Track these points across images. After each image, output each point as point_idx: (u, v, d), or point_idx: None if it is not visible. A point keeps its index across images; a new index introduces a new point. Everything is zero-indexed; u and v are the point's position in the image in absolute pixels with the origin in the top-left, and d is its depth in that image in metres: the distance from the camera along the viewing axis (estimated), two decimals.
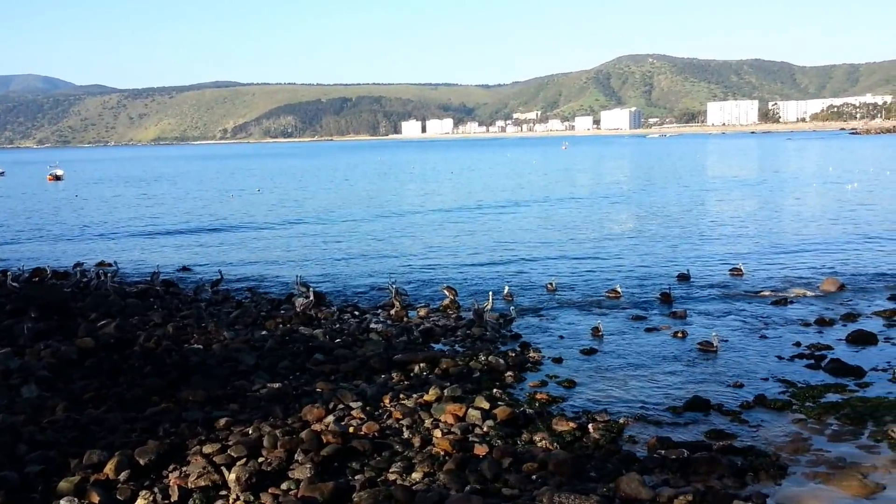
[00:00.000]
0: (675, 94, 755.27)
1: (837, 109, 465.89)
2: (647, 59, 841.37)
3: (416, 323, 23.40)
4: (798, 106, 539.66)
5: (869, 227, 42.86)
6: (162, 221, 56.23)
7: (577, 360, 19.72)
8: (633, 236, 41.65)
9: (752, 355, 19.62)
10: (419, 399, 16.15)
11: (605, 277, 30.05)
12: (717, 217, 50.21)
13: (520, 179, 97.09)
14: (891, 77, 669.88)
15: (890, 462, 12.95)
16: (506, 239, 42.03)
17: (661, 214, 51.76)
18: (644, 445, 13.99)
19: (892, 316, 22.93)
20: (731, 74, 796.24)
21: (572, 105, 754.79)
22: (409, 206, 65.23)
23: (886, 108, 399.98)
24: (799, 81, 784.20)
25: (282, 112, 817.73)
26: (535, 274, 31.49)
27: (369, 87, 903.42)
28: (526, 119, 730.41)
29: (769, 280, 28.71)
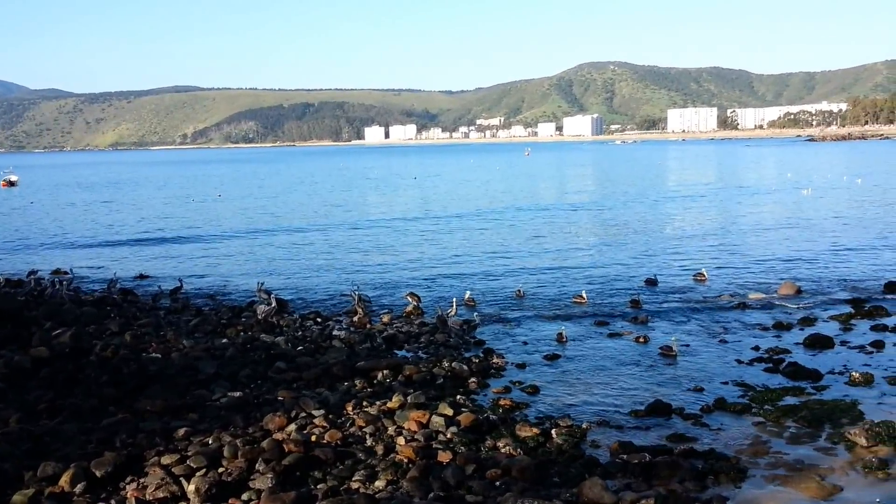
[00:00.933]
0: (636, 101, 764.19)
1: (794, 117, 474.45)
2: (609, 66, 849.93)
3: (380, 329, 23.28)
4: (756, 113, 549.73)
5: (825, 232, 43.64)
6: (120, 228, 55.33)
7: (541, 365, 19.75)
8: (598, 243, 41.81)
9: (713, 359, 19.83)
10: (382, 406, 16.04)
11: (570, 284, 30.07)
12: (680, 223, 50.71)
13: (484, 186, 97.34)
14: (846, 85, 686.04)
15: (847, 464, 13.15)
16: (470, 245, 42.03)
17: (625, 221, 52.04)
18: (606, 450, 14.05)
19: (848, 320, 23.33)
20: (690, 82, 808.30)
21: (535, 111, 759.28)
22: (372, 212, 65.05)
23: (841, 116, 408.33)
24: (757, 89, 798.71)
25: (243, 117, 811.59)
26: (499, 280, 31.46)
27: (332, 93, 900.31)
28: (489, 125, 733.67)
29: (730, 285, 29.07)
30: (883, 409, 15.57)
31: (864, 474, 12.73)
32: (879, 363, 18.93)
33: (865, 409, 15.60)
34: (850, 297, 26.68)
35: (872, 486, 12.34)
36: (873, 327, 22.36)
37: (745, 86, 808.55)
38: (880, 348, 20.15)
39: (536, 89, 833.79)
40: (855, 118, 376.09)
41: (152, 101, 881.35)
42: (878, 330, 22.04)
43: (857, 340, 21.03)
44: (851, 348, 20.38)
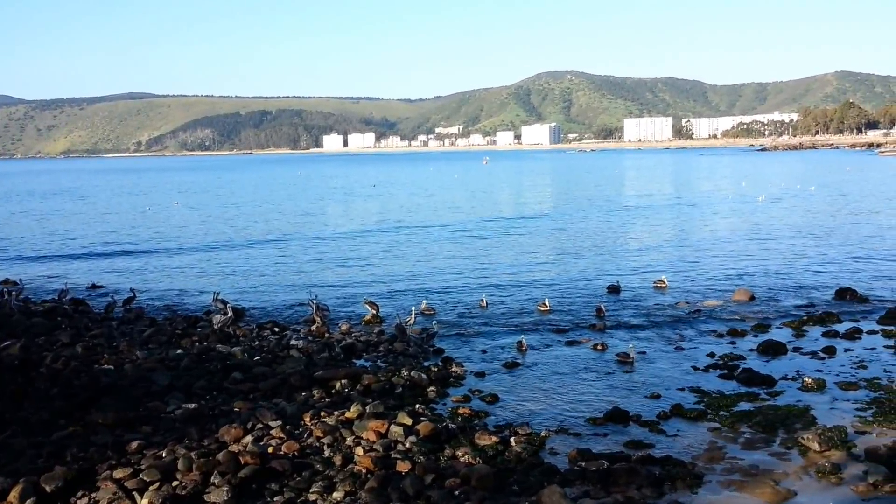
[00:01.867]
0: (592, 110, 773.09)
1: (747, 126, 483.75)
2: (566, 75, 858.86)
3: (338, 339, 23.10)
4: (710, 123, 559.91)
5: (779, 240, 44.48)
6: (72, 238, 54.16)
7: (500, 374, 19.76)
8: (560, 251, 41.86)
9: (669, 366, 20.03)
10: (341, 416, 15.90)
11: (533, 293, 29.96)
12: (640, 232, 51.16)
13: (443, 195, 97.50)
14: (797, 95, 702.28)
15: (800, 468, 13.35)
16: (430, 255, 41.92)
17: (587, 230, 52.19)
18: (565, 457, 14.08)
19: (801, 326, 23.76)
20: (646, 92, 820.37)
21: (493, 120, 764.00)
22: (331, 221, 64.71)
23: (793, 126, 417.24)
24: (710, 99, 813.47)
25: (199, 125, 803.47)
26: (461, 290, 31.32)
27: (290, 101, 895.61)
28: (448, 133, 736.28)
29: (687, 292, 29.39)
30: (835, 414, 15.86)
31: (817, 479, 12.93)
32: (831, 369, 19.29)
33: (818, 414, 15.87)
34: (803, 303, 27.20)
35: (825, 491, 12.54)
36: (825, 333, 22.79)
37: (699, 96, 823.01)
38: (832, 354, 20.53)
39: (495, 98, 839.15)
40: (806, 128, 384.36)
41: (106, 107, 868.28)
42: (830, 336, 22.47)
43: (810, 346, 21.41)
44: (804, 354, 20.74)
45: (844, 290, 28.07)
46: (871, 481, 12.47)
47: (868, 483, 12.47)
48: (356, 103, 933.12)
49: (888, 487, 12.26)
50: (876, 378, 18.31)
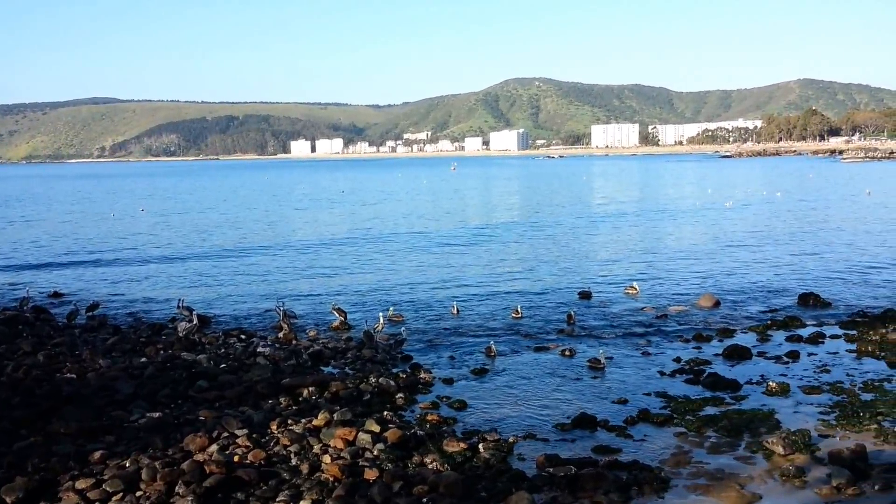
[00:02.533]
0: (560, 116, 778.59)
1: (712, 133, 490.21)
2: (534, 82, 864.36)
3: (305, 346, 22.93)
4: (676, 129, 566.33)
5: (745, 245, 45.09)
6: (34, 245, 53.25)
7: (469, 380, 19.74)
8: (531, 258, 41.74)
9: (636, 371, 20.15)
10: (308, 424, 15.77)
11: (504, 299, 29.84)
12: (609, 238, 51.26)
13: (412, 201, 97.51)
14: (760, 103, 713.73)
15: (765, 472, 13.49)
16: (398, 261, 41.78)
17: (557, 236, 52.23)
18: (533, 463, 14.09)
19: (765, 331, 24.04)
20: (613, 98, 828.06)
21: (462, 126, 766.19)
22: (299, 226, 64.31)
23: (757, 132, 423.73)
24: (676, 106, 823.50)
25: (164, 130, 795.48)
26: (431, 296, 31.18)
27: (257, 106, 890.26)
28: (416, 139, 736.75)
29: (656, 298, 29.58)
30: (799, 418, 16.06)
31: (781, 482, 13.07)
32: (795, 373, 19.54)
33: (782, 417, 16.06)
34: (767, 308, 27.55)
35: (790, 494, 12.68)
36: (788, 338, 23.09)
37: (665, 103, 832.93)
38: (795, 358, 20.80)
39: (463, 104, 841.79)
40: (769, 135, 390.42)
41: (69, 112, 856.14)
42: (793, 340, 22.77)
43: (774, 351, 21.67)
44: (768, 359, 20.99)
45: (808, 294, 28.47)
46: (834, 484, 12.63)
47: (831, 486, 12.63)
48: (324, 109, 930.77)
49: (851, 490, 12.42)
50: (839, 382, 18.58)
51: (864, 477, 12.83)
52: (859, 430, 15.15)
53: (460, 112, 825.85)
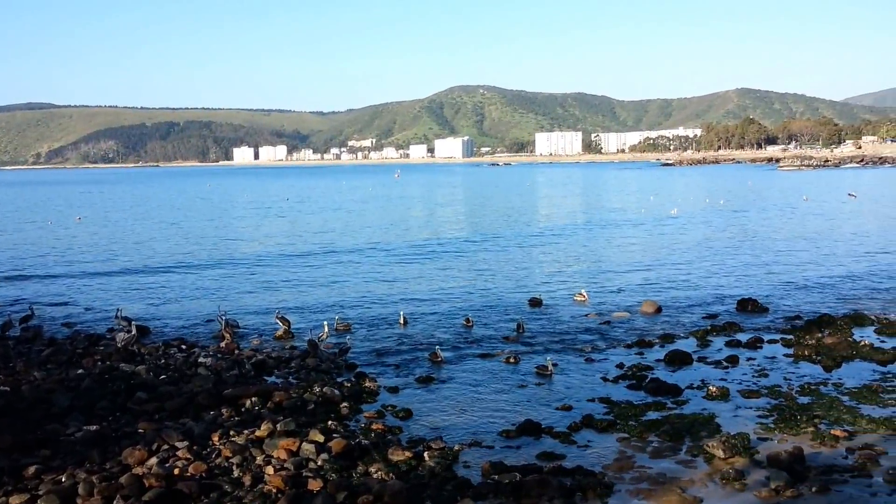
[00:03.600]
0: (505, 124, 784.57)
1: (653, 141, 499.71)
2: (479, 89, 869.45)
3: (248, 355, 22.58)
4: (618, 137, 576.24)
5: (687, 251, 46.00)
6: None
7: (415, 388, 19.67)
8: (480, 267, 41.32)
9: (581, 378, 20.31)
10: (251, 435, 15.53)
11: (454, 308, 29.68)
12: (557, 246, 51.40)
13: (356, 208, 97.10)
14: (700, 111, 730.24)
15: (706, 475, 13.70)
16: (345, 270, 41.40)
17: (504, 245, 52.13)
18: (478, 470, 14.09)
19: (705, 336, 24.47)
20: (556, 107, 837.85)
21: (407, 133, 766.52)
22: (242, 234, 63.48)
23: (697, 141, 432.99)
24: (618, 114, 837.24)
25: (102, 136, 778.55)
26: (377, 305, 30.89)
27: (198, 112, 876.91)
28: (361, 147, 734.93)
29: (601, 304, 29.84)
30: (738, 422, 16.36)
31: (721, 485, 13.29)
32: (734, 377, 19.93)
33: (722, 421, 16.34)
34: (707, 314, 28.05)
35: (730, 497, 12.90)
36: (728, 343, 23.55)
37: (607, 111, 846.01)
38: (734, 363, 21.21)
39: (408, 111, 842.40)
40: (709, 143, 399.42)
41: (3, 118, 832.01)
42: (732, 345, 23.23)
43: (714, 356, 22.07)
44: (708, 364, 21.36)
45: (746, 300, 29.09)
46: (772, 486, 12.88)
47: (770, 488, 12.88)
48: (267, 115, 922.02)
49: (789, 492, 12.68)
50: (776, 386, 19.00)
51: (801, 479, 13.11)
52: (797, 433, 15.50)
53: (405, 119, 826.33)
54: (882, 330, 24.45)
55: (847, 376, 19.76)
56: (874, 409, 16.93)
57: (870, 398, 17.67)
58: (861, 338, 23.18)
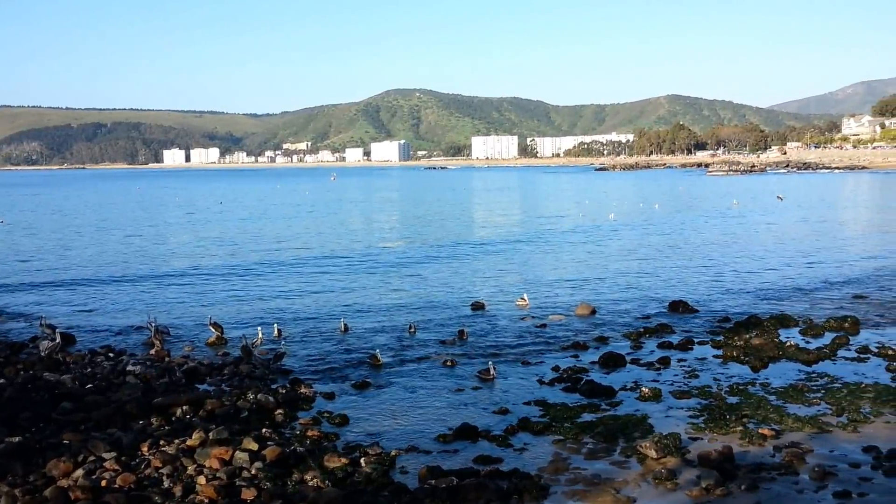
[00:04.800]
0: (441, 127, 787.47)
1: (587, 146, 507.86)
2: (415, 93, 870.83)
3: (179, 363, 22.05)
4: (553, 142, 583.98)
5: (622, 254, 46.80)
6: None
7: (351, 394, 19.48)
8: (422, 272, 40.92)
9: (518, 381, 20.40)
10: (181, 444, 15.17)
11: (395, 314, 29.33)
12: (498, 249, 51.41)
13: (294, 210, 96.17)
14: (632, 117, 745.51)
15: (639, 476, 13.91)
16: (281, 275, 40.74)
17: (446, 249, 52.03)
18: (415, 476, 14.03)
19: (638, 338, 24.87)
20: (492, 111, 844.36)
21: (343, 136, 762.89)
22: (171, 237, 62.13)
23: (629, 146, 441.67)
24: (553, 119, 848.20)
25: (25, 137, 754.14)
26: (315, 311, 30.32)
27: (127, 113, 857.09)
28: (296, 149, 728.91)
29: (539, 308, 29.95)
30: (670, 422, 16.66)
31: (654, 485, 13.50)
32: (666, 378, 20.30)
33: (655, 422, 16.62)
34: (640, 316, 28.53)
35: (662, 497, 13.12)
36: (660, 344, 23.98)
37: (542, 116, 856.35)
38: (666, 364, 21.60)
39: (344, 114, 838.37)
40: (641, 148, 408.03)
41: None
42: (665, 347, 23.66)
43: (646, 358, 22.43)
44: (641, 365, 21.70)
45: (677, 302, 29.68)
46: (703, 486, 13.14)
47: (701, 487, 13.13)
48: (199, 117, 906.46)
49: (719, 491, 12.95)
50: (706, 386, 19.42)
51: (731, 477, 13.40)
52: (726, 433, 15.85)
53: (341, 122, 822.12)
54: (806, 331, 25.24)
55: (774, 376, 20.31)
56: (800, 408, 17.44)
57: (795, 397, 18.20)
58: (787, 338, 23.88)
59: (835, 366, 21.24)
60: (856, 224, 65.71)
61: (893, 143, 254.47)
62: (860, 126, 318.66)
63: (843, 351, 22.66)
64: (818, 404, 17.66)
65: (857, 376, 20.01)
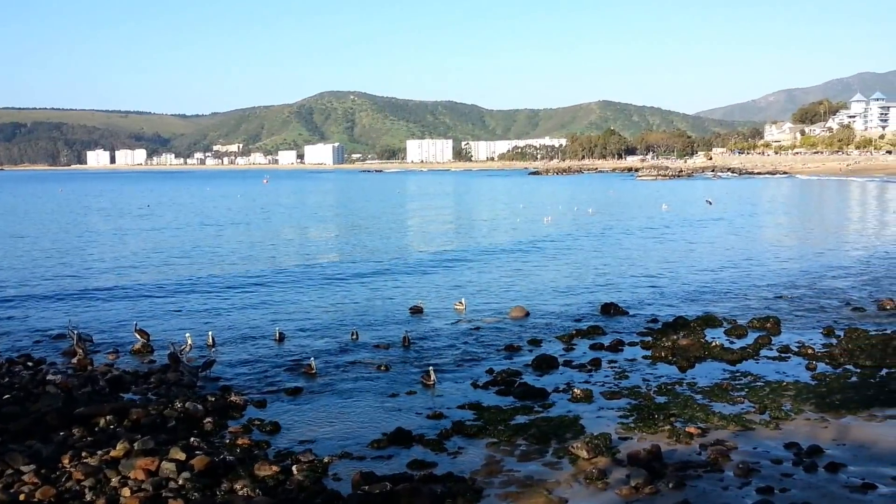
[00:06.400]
0: (376, 130, 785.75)
1: (521, 150, 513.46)
2: (349, 96, 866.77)
3: (103, 371, 21.37)
4: (488, 146, 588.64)
5: (555, 257, 47.53)
6: None
7: (284, 401, 19.19)
8: (357, 275, 40.62)
9: (452, 384, 20.39)
10: (105, 455, 14.69)
11: (332, 321, 28.93)
12: (432, 253, 51.47)
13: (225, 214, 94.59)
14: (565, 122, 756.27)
15: (571, 476, 14.04)
16: (210, 279, 39.85)
17: (381, 252, 51.84)
18: (349, 482, 13.89)
19: (570, 340, 25.15)
20: (427, 114, 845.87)
21: (276, 139, 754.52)
22: (95, 242, 60.23)
23: (562, 150, 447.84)
24: (488, 123, 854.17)
25: None
26: (248, 318, 29.70)
27: (48, 113, 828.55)
28: (227, 151, 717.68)
29: (476, 311, 30.07)
30: (601, 422, 16.87)
31: (586, 485, 13.65)
32: (597, 380, 20.56)
33: (586, 423, 16.81)
34: (572, 318, 28.87)
35: (593, 496, 13.26)
36: (592, 346, 24.29)
37: (477, 120, 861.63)
38: (597, 366, 21.89)
39: (276, 116, 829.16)
40: (574, 153, 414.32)
41: None
42: (596, 349, 23.98)
43: (578, 359, 22.69)
44: (573, 367, 21.93)
45: (608, 304, 30.11)
46: (633, 484, 13.33)
47: (630, 486, 13.32)
48: (125, 117, 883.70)
49: (648, 489, 13.15)
50: (636, 386, 19.75)
51: (659, 476, 13.63)
52: (655, 432, 16.13)
53: (273, 124, 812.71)
54: (731, 331, 25.89)
55: (700, 376, 20.78)
56: (725, 406, 17.87)
57: (720, 396, 18.64)
58: (712, 339, 24.43)
59: (758, 365, 21.85)
60: (779, 227, 67.85)
61: (812, 149, 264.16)
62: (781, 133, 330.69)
63: (765, 350, 23.33)
64: (742, 402, 18.12)
65: (778, 375, 20.62)
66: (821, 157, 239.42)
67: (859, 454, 14.65)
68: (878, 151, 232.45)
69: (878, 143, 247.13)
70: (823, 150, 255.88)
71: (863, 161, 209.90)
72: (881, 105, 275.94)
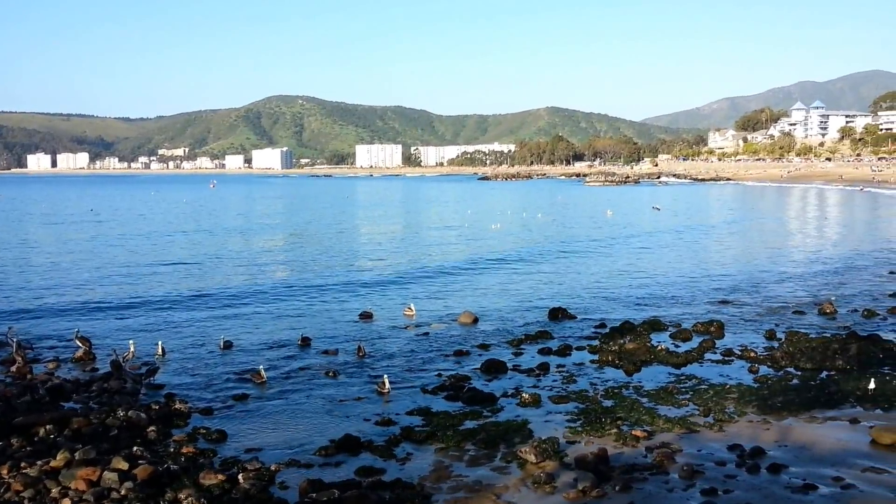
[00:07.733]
0: (324, 135, 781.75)
1: (471, 156, 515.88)
2: (297, 100, 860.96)
3: (43, 379, 20.83)
4: (437, 151, 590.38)
5: (504, 263, 47.80)
6: None
7: (231, 409, 18.92)
8: (305, 281, 40.26)
9: (401, 390, 20.30)
10: (45, 466, 14.34)
11: (281, 326, 28.69)
12: (380, 258, 51.43)
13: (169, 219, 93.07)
14: (514, 128, 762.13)
15: (519, 481, 14.13)
16: (153, 285, 39.19)
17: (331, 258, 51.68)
18: (296, 490, 13.77)
19: (519, 345, 25.32)
20: (376, 119, 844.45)
21: (223, 143, 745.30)
22: (35, 246, 58.82)
23: (511, 156, 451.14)
24: (437, 129, 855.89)
25: None
26: (193, 325, 29.24)
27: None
28: (173, 155, 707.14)
29: (425, 317, 29.99)
30: (549, 427, 17.01)
31: (534, 489, 13.75)
32: (545, 384, 20.72)
33: (534, 427, 16.93)
34: (521, 323, 29.04)
35: (541, 500, 13.37)
36: (540, 350, 24.46)
37: (426, 125, 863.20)
38: (546, 370, 22.05)
39: (223, 120, 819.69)
40: (522, 158, 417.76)
41: None
42: (544, 353, 24.15)
43: (527, 363, 22.85)
44: (521, 372, 22.07)
45: (556, 309, 30.36)
46: (580, 488, 13.46)
47: (578, 489, 13.45)
48: (67, 120, 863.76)
49: (595, 493, 13.30)
50: (583, 390, 19.96)
51: (606, 479, 13.80)
52: (602, 435, 16.33)
53: (220, 128, 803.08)
54: (676, 335, 26.33)
55: (646, 379, 21.09)
56: (670, 409, 18.17)
57: (666, 399, 18.95)
58: (658, 343, 24.81)
59: (702, 368, 22.27)
60: (722, 233, 69.17)
61: (754, 156, 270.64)
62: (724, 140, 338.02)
63: (709, 354, 23.78)
64: (687, 405, 18.45)
65: (722, 378, 21.03)
66: (763, 164, 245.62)
67: (800, 455, 15.02)
68: (818, 159, 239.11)
69: (817, 150, 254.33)
70: (766, 157, 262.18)
71: (803, 168, 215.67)
72: (821, 114, 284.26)
